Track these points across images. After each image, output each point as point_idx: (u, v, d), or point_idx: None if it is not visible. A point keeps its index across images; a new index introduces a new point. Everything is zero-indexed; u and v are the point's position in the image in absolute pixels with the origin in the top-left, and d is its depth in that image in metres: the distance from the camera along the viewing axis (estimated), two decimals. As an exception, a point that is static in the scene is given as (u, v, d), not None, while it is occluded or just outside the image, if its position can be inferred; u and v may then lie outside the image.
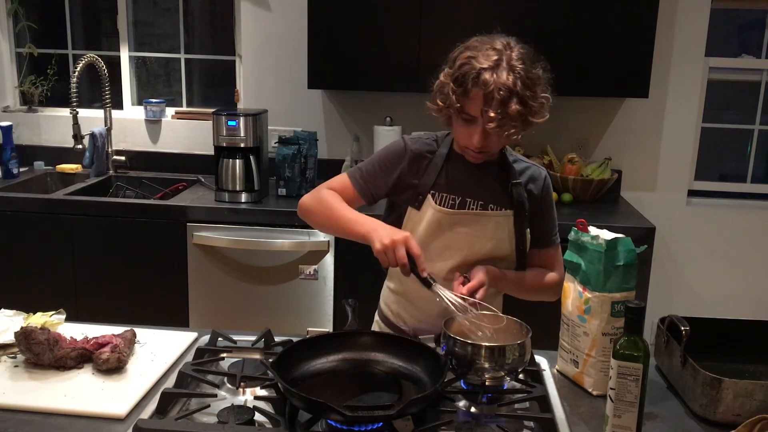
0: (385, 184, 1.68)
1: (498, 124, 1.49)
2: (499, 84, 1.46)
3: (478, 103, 1.50)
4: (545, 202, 1.71)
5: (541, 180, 1.71)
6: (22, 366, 1.49)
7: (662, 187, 3.45)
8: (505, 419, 1.29)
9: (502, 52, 1.51)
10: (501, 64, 1.49)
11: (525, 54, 1.53)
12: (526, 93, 1.49)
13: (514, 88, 1.47)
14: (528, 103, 1.50)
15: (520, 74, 1.48)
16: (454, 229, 1.63)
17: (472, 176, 1.66)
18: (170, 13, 3.65)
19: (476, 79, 1.48)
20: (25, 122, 3.62)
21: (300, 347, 1.42)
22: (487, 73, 1.47)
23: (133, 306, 2.97)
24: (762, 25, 3.42)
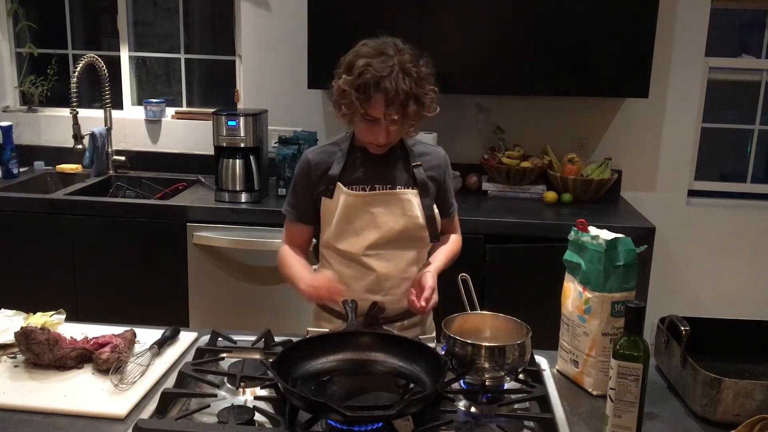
0: (310, 200, 1.83)
1: (400, 123, 1.68)
2: (399, 89, 1.63)
3: (380, 107, 1.65)
4: (447, 177, 1.89)
5: (439, 158, 1.89)
6: (22, 366, 1.49)
7: (662, 187, 3.45)
8: (505, 419, 1.29)
9: (393, 57, 1.66)
10: (395, 69, 1.64)
11: (413, 55, 1.70)
12: (420, 92, 1.67)
13: (411, 90, 1.64)
14: (422, 101, 1.68)
15: (414, 76, 1.66)
16: (367, 210, 1.77)
17: (376, 164, 1.81)
18: (170, 13, 3.65)
19: (377, 86, 1.64)
20: (25, 122, 3.62)
21: (300, 347, 1.42)
22: (387, 81, 1.63)
23: (133, 306, 2.97)
24: (762, 25, 3.42)
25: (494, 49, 3.06)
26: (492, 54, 3.07)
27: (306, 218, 1.85)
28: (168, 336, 1.63)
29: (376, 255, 1.78)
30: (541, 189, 3.24)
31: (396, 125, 1.68)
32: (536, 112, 3.40)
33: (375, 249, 1.77)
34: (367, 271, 1.79)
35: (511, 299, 2.72)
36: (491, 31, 3.04)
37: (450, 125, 3.41)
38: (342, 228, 1.78)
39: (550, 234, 2.79)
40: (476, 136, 3.45)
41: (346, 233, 1.78)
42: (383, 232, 1.76)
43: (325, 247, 1.85)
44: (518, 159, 3.25)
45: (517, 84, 3.09)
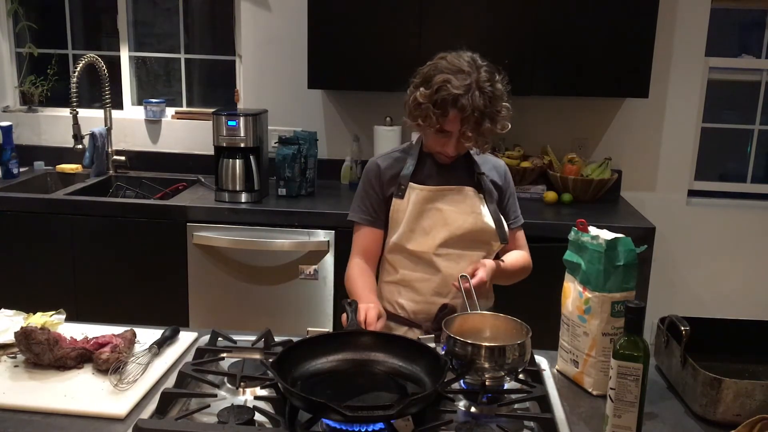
0: (382, 203, 1.89)
1: (474, 139, 1.74)
2: (474, 107, 1.69)
3: (455, 123, 1.72)
4: (510, 187, 1.97)
5: (501, 169, 1.97)
6: (22, 366, 1.49)
7: (662, 187, 3.45)
8: (505, 419, 1.29)
9: (471, 74, 1.73)
10: (472, 87, 1.71)
11: (489, 72, 1.77)
12: (494, 110, 1.73)
13: (485, 109, 1.71)
14: (496, 119, 1.75)
15: (489, 95, 1.72)
16: (436, 207, 1.83)
17: (443, 169, 1.88)
18: (170, 13, 3.65)
19: (454, 104, 1.70)
20: (25, 122, 3.62)
21: (300, 347, 1.42)
22: (464, 99, 1.69)
23: (133, 306, 2.97)
24: (762, 25, 3.42)
25: (494, 49, 3.04)
26: (492, 54, 3.05)
27: (378, 222, 1.90)
28: (168, 336, 1.63)
29: (446, 255, 1.83)
30: (541, 189, 3.24)
31: (470, 142, 1.74)
32: (536, 112, 3.40)
33: (445, 248, 1.82)
34: (435, 272, 1.83)
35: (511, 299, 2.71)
36: (491, 31, 3.04)
37: (450, 125, 3.41)
38: (412, 227, 1.83)
39: (550, 234, 2.78)
40: (476, 136, 3.45)
41: (417, 232, 1.83)
42: (453, 230, 1.82)
43: (392, 251, 1.89)
44: (518, 159, 3.25)
45: (517, 84, 3.06)
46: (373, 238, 1.91)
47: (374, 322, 1.63)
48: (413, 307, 1.88)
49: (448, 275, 1.81)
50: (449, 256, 1.83)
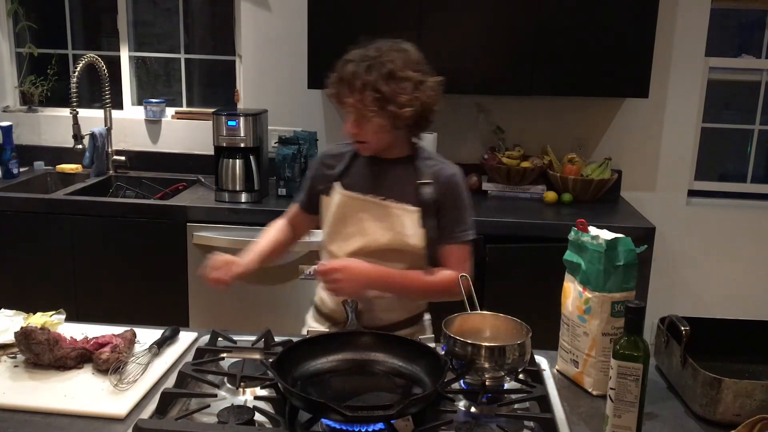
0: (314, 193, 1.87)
1: (358, 108, 1.67)
2: (357, 74, 1.65)
3: (336, 88, 1.71)
4: (448, 199, 1.77)
5: (445, 178, 1.78)
6: (22, 366, 1.49)
7: (662, 187, 3.44)
8: (505, 419, 1.29)
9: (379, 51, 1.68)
10: (368, 60, 1.67)
11: (404, 56, 1.70)
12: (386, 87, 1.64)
13: (370, 79, 1.64)
14: (386, 94, 1.64)
15: (385, 72, 1.65)
16: (357, 216, 1.76)
17: (377, 174, 1.79)
18: (170, 13, 3.65)
19: (342, 69, 1.69)
20: (25, 122, 3.62)
21: (300, 347, 1.42)
22: (351, 64, 1.67)
23: (133, 306, 2.97)
24: (762, 25, 3.42)
25: (494, 49, 3.06)
26: (492, 54, 3.07)
27: (309, 208, 1.90)
28: (168, 336, 1.63)
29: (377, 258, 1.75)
30: (541, 189, 3.24)
31: (352, 110, 1.68)
32: (536, 112, 3.40)
33: (359, 257, 1.73)
34: None
35: (511, 299, 2.71)
36: (491, 31, 3.04)
37: (450, 125, 3.41)
38: (335, 229, 1.80)
39: (550, 234, 2.78)
40: (476, 136, 3.45)
41: (338, 236, 1.80)
42: (368, 242, 1.75)
43: (321, 247, 1.87)
44: (518, 159, 3.25)
45: (517, 84, 3.09)
46: (297, 216, 1.95)
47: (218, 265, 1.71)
48: (331, 305, 1.87)
49: None
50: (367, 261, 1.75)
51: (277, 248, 1.93)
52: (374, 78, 1.64)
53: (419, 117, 1.71)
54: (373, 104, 1.66)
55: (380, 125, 1.69)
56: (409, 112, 1.68)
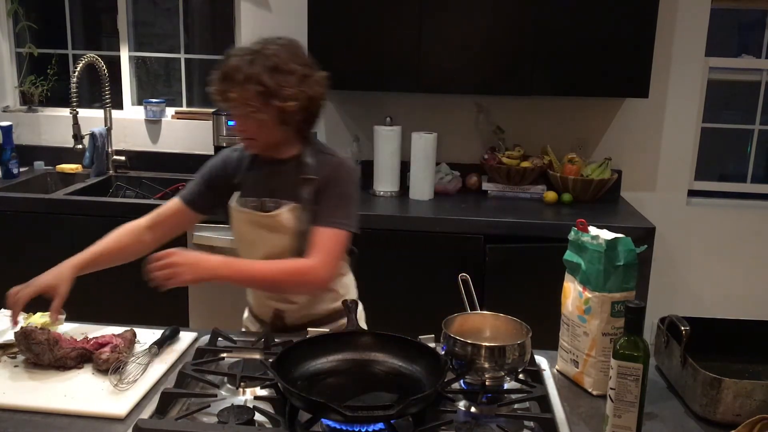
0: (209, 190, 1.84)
1: (241, 103, 1.62)
2: (239, 67, 1.61)
3: (218, 84, 1.65)
4: (329, 186, 1.71)
5: (329, 168, 1.73)
6: (22, 366, 1.49)
7: (662, 187, 3.45)
8: (505, 419, 1.29)
9: (262, 45, 1.65)
10: (249, 55, 1.62)
11: (287, 49, 1.68)
12: (269, 80, 1.60)
13: (253, 72, 1.60)
14: (270, 87, 1.61)
15: (263, 62, 1.61)
16: (254, 229, 1.75)
17: (270, 176, 1.76)
18: (170, 13, 3.65)
19: (225, 63, 1.64)
20: (25, 122, 3.62)
21: (300, 347, 1.42)
22: (233, 59, 1.63)
23: (133, 306, 2.97)
24: (762, 25, 3.42)
25: (494, 49, 3.06)
26: (492, 54, 3.07)
27: (193, 203, 1.84)
28: (168, 336, 1.63)
29: None
30: (541, 189, 3.24)
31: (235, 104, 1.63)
32: (536, 112, 3.40)
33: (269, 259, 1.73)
34: None
35: (511, 299, 2.72)
36: (491, 31, 3.04)
37: (450, 125, 3.42)
38: (239, 237, 1.81)
39: (550, 234, 2.78)
40: (476, 136, 3.45)
41: (243, 243, 1.80)
42: (269, 249, 1.73)
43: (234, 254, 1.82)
44: (518, 159, 3.25)
45: (517, 84, 3.09)
46: (180, 216, 1.85)
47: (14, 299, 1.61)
48: (255, 306, 1.90)
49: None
50: None
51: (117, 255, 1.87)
52: (257, 71, 1.60)
53: (306, 112, 1.69)
54: (257, 98, 1.62)
55: (265, 121, 1.65)
56: (294, 106, 1.64)
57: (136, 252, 1.88)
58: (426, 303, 2.82)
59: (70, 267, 1.73)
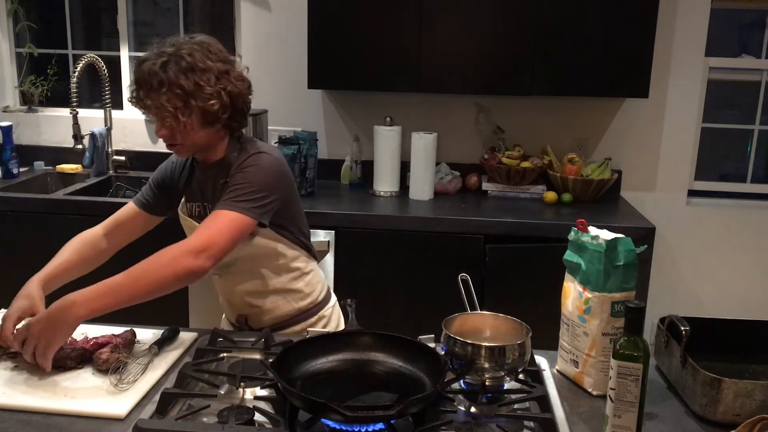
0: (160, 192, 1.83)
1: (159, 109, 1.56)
2: (151, 71, 1.54)
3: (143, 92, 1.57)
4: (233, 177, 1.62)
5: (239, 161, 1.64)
6: (22, 366, 1.49)
7: (662, 187, 3.45)
8: (505, 419, 1.29)
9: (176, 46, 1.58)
10: (162, 58, 1.55)
11: (202, 46, 1.59)
12: (186, 81, 1.54)
13: (167, 76, 1.53)
14: (187, 89, 1.54)
15: (178, 63, 1.54)
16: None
17: (204, 181, 1.73)
18: (170, 13, 3.65)
19: (138, 69, 1.57)
20: (25, 122, 3.62)
21: (300, 347, 1.42)
22: (147, 63, 1.55)
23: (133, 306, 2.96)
24: (762, 25, 3.42)
25: (494, 49, 3.06)
26: (492, 54, 3.07)
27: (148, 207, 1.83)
28: (168, 336, 1.63)
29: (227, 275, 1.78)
30: (541, 189, 3.24)
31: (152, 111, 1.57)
32: (536, 112, 3.40)
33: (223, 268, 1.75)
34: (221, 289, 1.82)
35: (511, 299, 2.72)
36: (491, 32, 3.04)
37: (450, 125, 3.42)
38: None
39: (550, 234, 2.79)
40: (476, 136, 3.45)
41: None
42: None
43: None
44: (518, 159, 3.25)
45: (517, 84, 3.09)
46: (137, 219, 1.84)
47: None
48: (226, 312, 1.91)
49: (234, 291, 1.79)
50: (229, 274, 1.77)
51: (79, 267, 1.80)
52: (173, 74, 1.54)
53: (232, 109, 1.63)
54: (176, 102, 1.55)
55: (188, 123, 1.58)
56: (216, 105, 1.58)
57: (95, 262, 1.84)
58: (426, 303, 2.83)
59: (37, 284, 1.63)
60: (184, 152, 1.69)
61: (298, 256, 1.79)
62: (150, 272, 1.49)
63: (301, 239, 1.80)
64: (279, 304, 1.79)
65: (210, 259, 1.50)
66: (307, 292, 1.83)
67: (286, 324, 1.80)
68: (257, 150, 1.67)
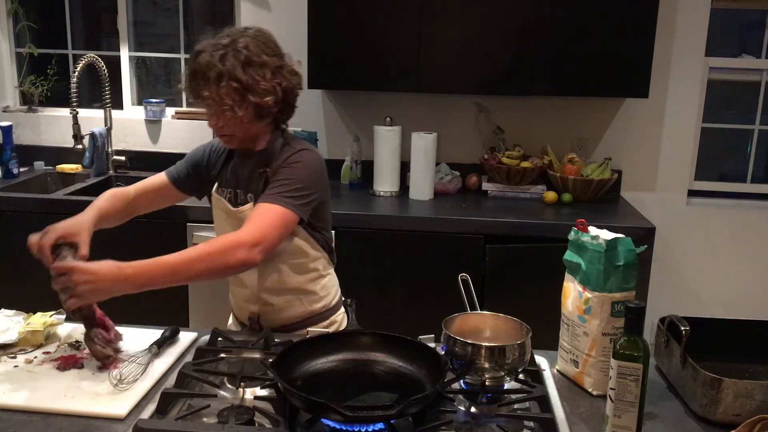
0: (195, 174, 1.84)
1: (216, 101, 1.57)
2: (210, 64, 1.55)
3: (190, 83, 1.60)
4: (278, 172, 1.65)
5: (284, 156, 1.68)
6: (22, 366, 1.49)
7: (662, 187, 3.45)
8: (505, 419, 1.29)
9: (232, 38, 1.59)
10: (220, 50, 1.57)
11: (257, 41, 1.62)
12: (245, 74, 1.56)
13: (227, 68, 1.55)
14: (245, 82, 1.57)
15: (240, 57, 1.57)
16: (228, 218, 1.74)
17: (242, 169, 1.74)
18: (170, 13, 3.65)
19: (195, 61, 1.58)
20: (25, 122, 3.62)
21: (300, 347, 1.42)
22: (204, 55, 1.57)
23: (133, 306, 2.96)
24: (762, 25, 3.42)
25: (494, 49, 3.06)
26: (492, 54, 3.07)
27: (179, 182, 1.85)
28: (168, 336, 1.63)
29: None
30: (541, 189, 3.24)
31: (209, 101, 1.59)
32: (536, 112, 3.40)
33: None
34: (241, 282, 1.77)
35: (511, 299, 2.72)
36: (491, 31, 3.04)
37: (450, 125, 3.42)
38: (216, 224, 1.81)
39: (550, 234, 2.79)
40: (476, 136, 3.45)
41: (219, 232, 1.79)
42: None
43: None
44: (518, 159, 3.25)
45: (517, 84, 3.09)
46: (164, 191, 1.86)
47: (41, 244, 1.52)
48: (235, 308, 1.88)
49: (253, 285, 1.75)
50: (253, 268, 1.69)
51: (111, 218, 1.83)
52: (231, 66, 1.56)
53: (283, 104, 1.65)
54: (234, 95, 1.57)
55: (242, 116, 1.61)
56: (271, 101, 1.61)
57: (122, 218, 1.87)
58: (426, 303, 2.83)
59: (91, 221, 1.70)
60: (233, 143, 1.71)
61: (319, 258, 1.79)
62: (205, 259, 1.49)
63: (327, 241, 1.80)
64: (293, 304, 1.78)
65: (262, 253, 1.53)
66: (322, 296, 1.82)
67: (297, 326, 1.78)
68: (303, 146, 1.71)
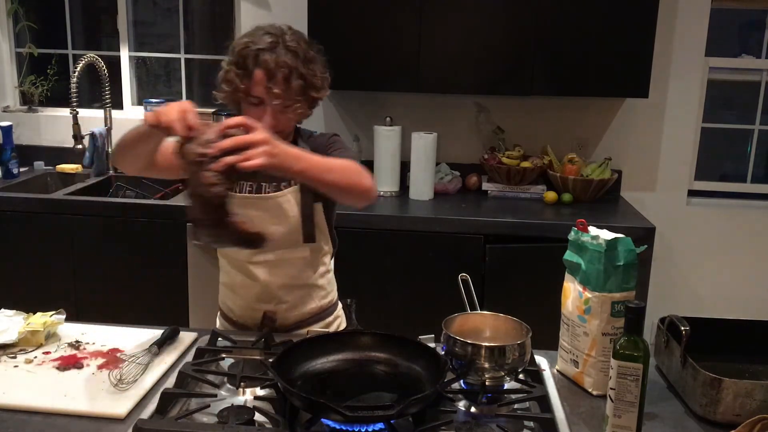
0: None
1: (283, 101, 1.57)
2: (280, 62, 1.55)
3: (262, 83, 1.57)
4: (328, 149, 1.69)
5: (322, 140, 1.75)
6: (22, 366, 1.49)
7: (662, 187, 3.45)
8: (505, 419, 1.29)
9: (278, 36, 1.59)
10: (278, 46, 1.57)
11: (299, 37, 1.62)
12: (306, 70, 1.58)
13: (294, 65, 1.56)
14: (309, 79, 1.59)
15: (298, 53, 1.57)
16: (248, 214, 1.65)
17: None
18: (170, 13, 3.65)
19: (256, 60, 1.56)
20: (25, 122, 3.62)
21: (300, 347, 1.42)
22: (267, 54, 1.55)
23: (133, 306, 2.97)
24: (762, 25, 3.42)
25: (494, 49, 3.06)
26: (492, 54, 3.07)
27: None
28: (168, 336, 1.62)
29: (263, 262, 1.71)
30: (541, 189, 3.24)
31: (279, 102, 1.57)
32: (536, 112, 3.40)
33: (262, 255, 1.69)
34: (254, 280, 1.74)
35: (511, 299, 2.72)
36: (491, 31, 3.04)
37: (450, 125, 3.42)
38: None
39: (550, 234, 2.79)
40: (476, 136, 3.45)
41: None
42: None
43: (220, 252, 1.80)
44: (518, 159, 3.25)
45: (517, 84, 3.09)
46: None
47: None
48: (238, 311, 1.83)
49: (269, 282, 1.73)
50: (268, 262, 1.71)
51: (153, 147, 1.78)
52: (295, 64, 1.56)
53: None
54: (299, 92, 1.58)
55: (301, 113, 1.62)
56: (324, 95, 1.64)
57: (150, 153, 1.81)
58: (426, 303, 2.83)
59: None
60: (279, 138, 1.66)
61: (328, 252, 1.81)
62: (347, 170, 1.51)
63: (334, 236, 1.82)
64: (305, 300, 1.78)
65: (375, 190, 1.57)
66: (329, 290, 1.84)
67: (309, 322, 1.78)
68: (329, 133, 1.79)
